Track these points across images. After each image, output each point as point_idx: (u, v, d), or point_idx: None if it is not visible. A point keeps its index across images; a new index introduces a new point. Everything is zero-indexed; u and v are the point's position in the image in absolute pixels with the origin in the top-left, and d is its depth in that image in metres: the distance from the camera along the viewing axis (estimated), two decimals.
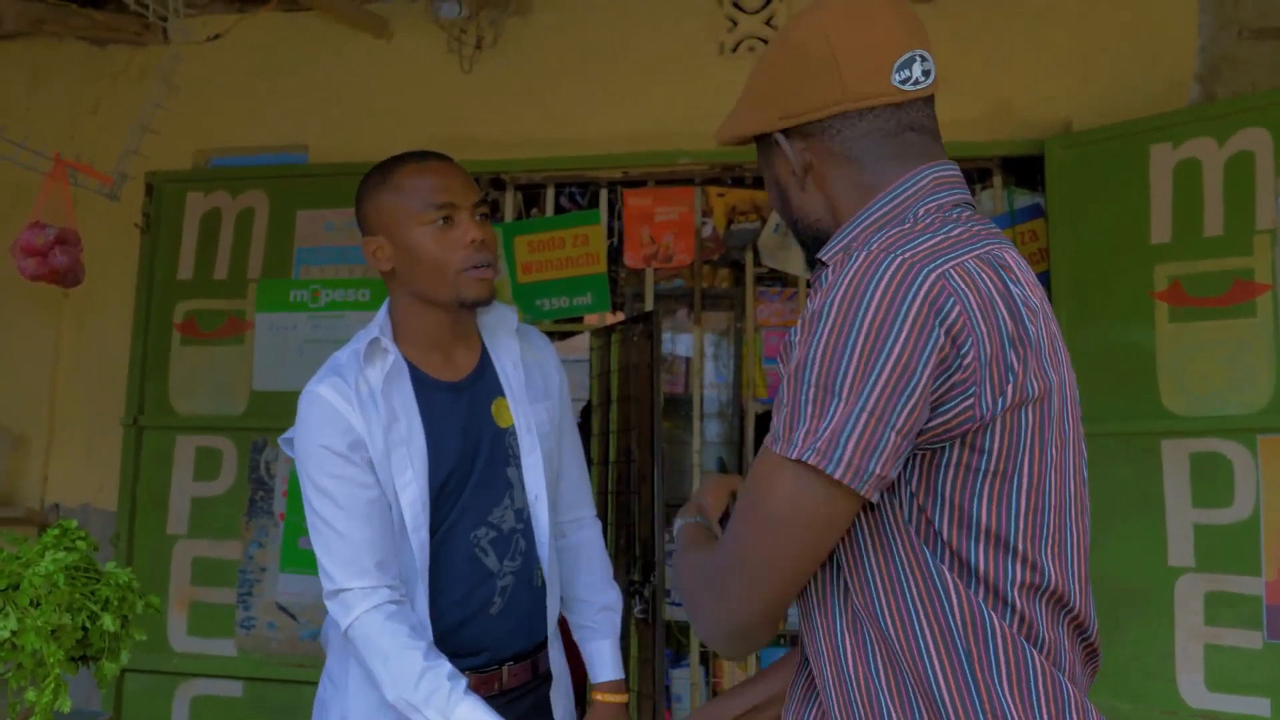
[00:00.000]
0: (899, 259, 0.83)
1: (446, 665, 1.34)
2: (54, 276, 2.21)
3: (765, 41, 2.72)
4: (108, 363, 2.90)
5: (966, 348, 0.82)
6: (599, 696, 1.60)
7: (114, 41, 2.93)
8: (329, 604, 1.41)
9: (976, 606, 0.84)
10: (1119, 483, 2.38)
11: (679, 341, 3.48)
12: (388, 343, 1.44)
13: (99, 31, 2.85)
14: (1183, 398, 2.33)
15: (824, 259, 0.97)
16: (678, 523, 1.12)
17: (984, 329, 0.83)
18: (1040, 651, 0.87)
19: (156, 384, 2.86)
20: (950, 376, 0.82)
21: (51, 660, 1.23)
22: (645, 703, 2.59)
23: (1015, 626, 0.86)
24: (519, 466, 1.49)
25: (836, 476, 0.81)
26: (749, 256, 3.10)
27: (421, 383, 1.46)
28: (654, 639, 2.63)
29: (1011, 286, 0.88)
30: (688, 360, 3.44)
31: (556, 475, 1.57)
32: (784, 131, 0.98)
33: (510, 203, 2.96)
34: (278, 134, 2.91)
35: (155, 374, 2.87)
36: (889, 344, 0.80)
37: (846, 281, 0.83)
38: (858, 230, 0.95)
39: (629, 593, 2.65)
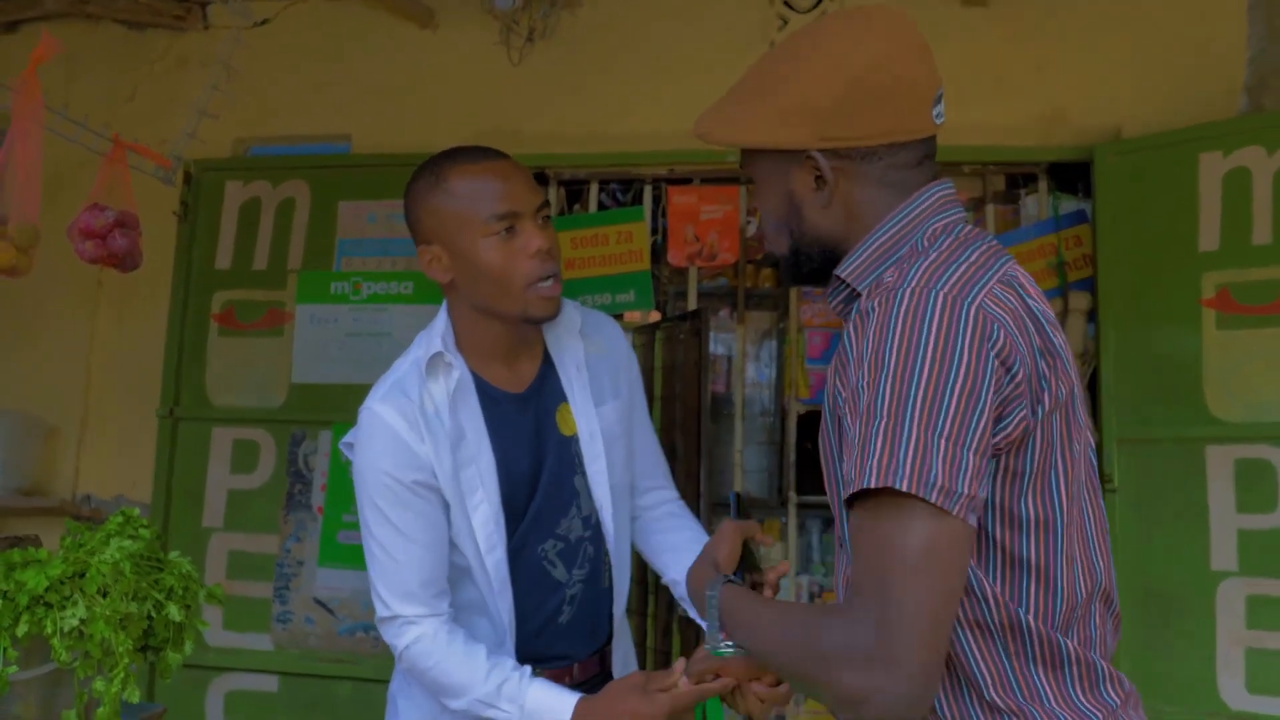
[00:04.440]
0: (941, 295, 0.89)
1: (509, 659, 1.35)
2: (112, 260, 2.14)
3: None
4: (143, 353, 2.84)
5: (1015, 366, 0.90)
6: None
7: (152, 26, 2.88)
8: (381, 628, 1.38)
9: (1012, 612, 0.92)
10: (1164, 488, 2.40)
11: (721, 341, 3.47)
12: (452, 356, 1.38)
13: (138, 15, 2.79)
14: (1229, 404, 2.35)
15: (845, 277, 1.03)
16: (712, 588, 1.12)
17: (1025, 347, 0.91)
18: (1075, 634, 0.95)
19: (193, 375, 2.82)
20: (1004, 393, 0.90)
21: (120, 650, 1.20)
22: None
23: (1060, 609, 0.93)
24: (585, 474, 1.45)
25: (935, 501, 0.84)
26: None
27: (487, 395, 1.41)
28: (698, 640, 2.62)
29: (1030, 303, 0.96)
30: (730, 360, 3.43)
31: (625, 466, 1.52)
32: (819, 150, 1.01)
33: (553, 198, 2.93)
34: (320, 123, 2.87)
35: (192, 365, 2.82)
36: (953, 375, 0.87)
37: (900, 322, 0.89)
38: (874, 248, 1.02)
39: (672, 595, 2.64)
